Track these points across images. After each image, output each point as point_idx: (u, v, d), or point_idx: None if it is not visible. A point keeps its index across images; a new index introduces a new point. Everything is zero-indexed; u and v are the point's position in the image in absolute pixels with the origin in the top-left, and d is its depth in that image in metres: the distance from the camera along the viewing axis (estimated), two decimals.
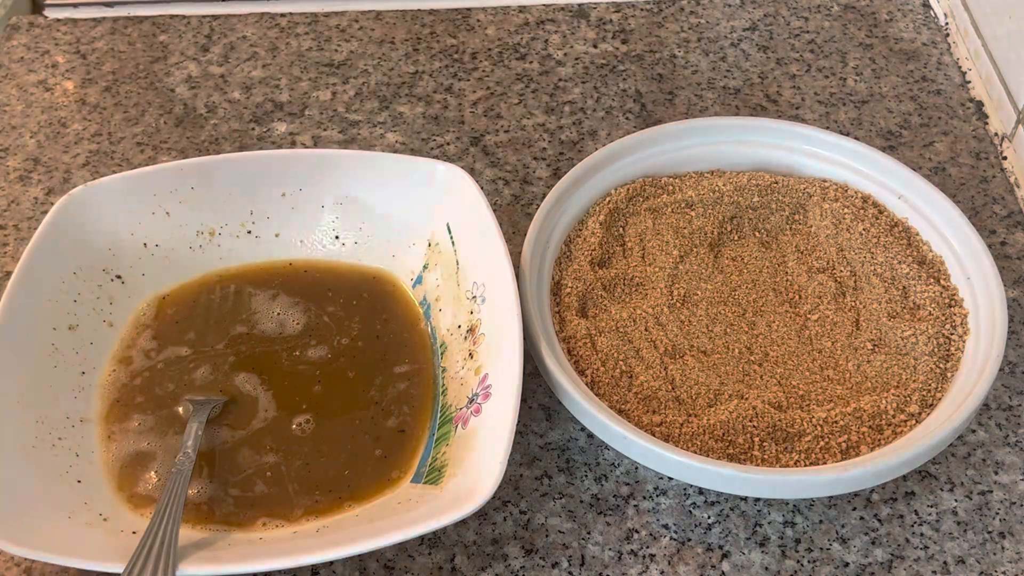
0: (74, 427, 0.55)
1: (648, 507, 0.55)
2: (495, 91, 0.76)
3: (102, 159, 0.72)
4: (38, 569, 0.53)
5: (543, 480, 0.56)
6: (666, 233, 0.63)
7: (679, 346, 0.58)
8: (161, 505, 0.49)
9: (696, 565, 0.53)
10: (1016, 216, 0.68)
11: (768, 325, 0.59)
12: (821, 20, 0.81)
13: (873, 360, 0.57)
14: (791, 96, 0.76)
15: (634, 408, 0.55)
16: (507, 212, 0.68)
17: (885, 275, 0.60)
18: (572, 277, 0.60)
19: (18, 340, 0.55)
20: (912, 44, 0.79)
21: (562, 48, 0.79)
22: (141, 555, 0.47)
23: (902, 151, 0.72)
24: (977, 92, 0.76)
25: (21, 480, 0.51)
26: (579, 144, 0.72)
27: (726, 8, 0.82)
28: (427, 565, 0.53)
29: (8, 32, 0.81)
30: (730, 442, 0.54)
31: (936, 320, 0.58)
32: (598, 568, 0.53)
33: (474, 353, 0.56)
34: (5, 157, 0.72)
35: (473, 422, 0.53)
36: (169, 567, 0.46)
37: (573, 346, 0.57)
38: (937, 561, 0.53)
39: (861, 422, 0.54)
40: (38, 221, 0.67)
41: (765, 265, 0.62)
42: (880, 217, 0.63)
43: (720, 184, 0.64)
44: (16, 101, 0.76)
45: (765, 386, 0.57)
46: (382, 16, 0.82)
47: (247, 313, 0.61)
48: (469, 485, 0.49)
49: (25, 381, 0.54)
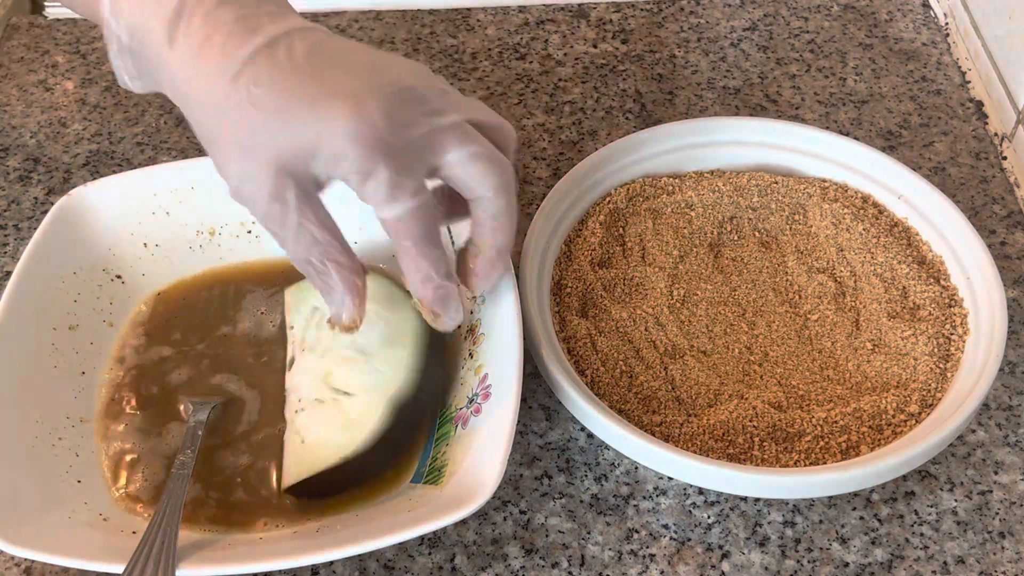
0: (74, 427, 0.55)
1: (648, 507, 0.55)
2: (495, 91, 0.76)
3: (102, 159, 0.72)
4: (38, 569, 0.53)
5: (543, 480, 0.56)
6: (666, 233, 0.63)
7: (679, 346, 0.58)
8: (161, 506, 0.49)
9: (696, 565, 0.53)
10: (1016, 216, 0.68)
11: (768, 325, 0.60)
12: (821, 20, 0.81)
13: (873, 360, 0.57)
14: (791, 96, 0.76)
15: (634, 408, 0.55)
16: None
17: (885, 275, 0.60)
18: (572, 277, 0.60)
19: (18, 340, 0.55)
20: (912, 44, 0.79)
21: (562, 48, 0.79)
22: (141, 556, 0.47)
23: (902, 151, 0.72)
24: (977, 92, 0.76)
25: (21, 480, 0.51)
26: (579, 144, 0.72)
27: (726, 8, 0.82)
28: (427, 565, 0.53)
29: (8, 32, 0.81)
30: (730, 442, 0.54)
31: (936, 320, 0.58)
32: (598, 568, 0.53)
33: (474, 353, 0.56)
34: (5, 157, 0.72)
35: (473, 422, 0.53)
36: (169, 568, 0.46)
37: (573, 346, 0.57)
38: (937, 561, 0.53)
39: (861, 422, 0.54)
40: (38, 221, 0.67)
41: (765, 265, 0.62)
42: (880, 217, 0.63)
43: (720, 184, 0.64)
44: (16, 101, 0.76)
45: (765, 386, 0.57)
46: (382, 16, 0.82)
47: (247, 312, 0.61)
48: (469, 485, 0.49)
49: (25, 381, 0.55)
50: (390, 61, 0.48)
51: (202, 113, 0.47)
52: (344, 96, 0.45)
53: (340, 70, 0.46)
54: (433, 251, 0.49)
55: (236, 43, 0.46)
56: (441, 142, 0.47)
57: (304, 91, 0.45)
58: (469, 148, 0.48)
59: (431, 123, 0.47)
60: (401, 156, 0.46)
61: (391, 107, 0.46)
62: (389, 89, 0.46)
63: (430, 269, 0.49)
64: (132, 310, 0.61)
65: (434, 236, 0.49)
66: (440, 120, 0.47)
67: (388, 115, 0.45)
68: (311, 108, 0.45)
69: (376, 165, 0.45)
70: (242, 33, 0.46)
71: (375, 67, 0.47)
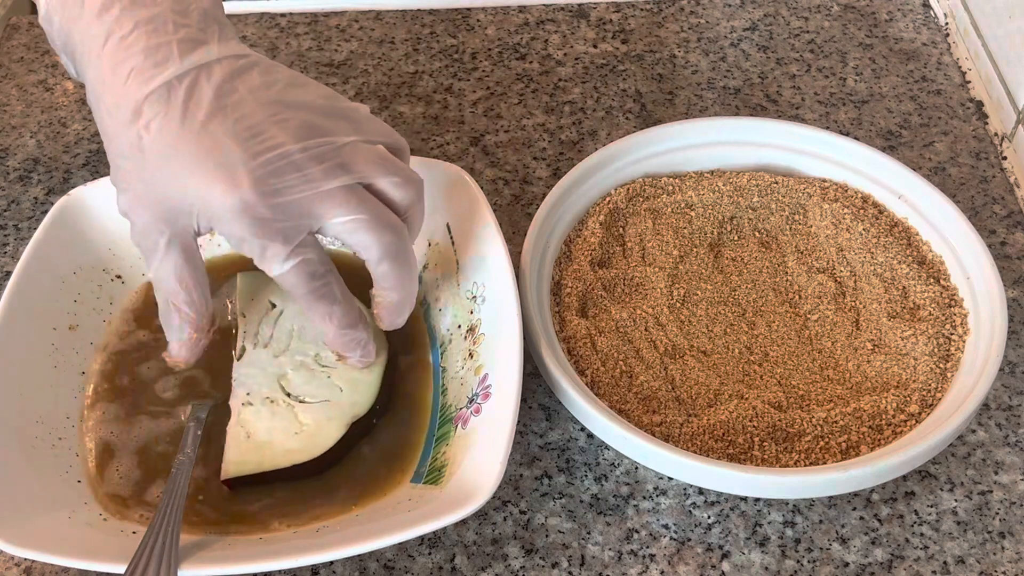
0: (74, 427, 0.55)
1: (648, 507, 0.55)
2: (495, 91, 0.76)
3: (102, 159, 0.72)
4: (38, 569, 0.53)
5: (543, 480, 0.56)
6: (666, 233, 0.63)
7: (679, 346, 0.58)
8: (162, 505, 0.49)
9: (696, 565, 0.53)
10: (1016, 216, 0.68)
11: (768, 325, 0.60)
12: (821, 20, 0.81)
13: (873, 360, 0.57)
14: (791, 96, 0.76)
15: (634, 408, 0.55)
16: (507, 212, 0.68)
17: (885, 275, 0.60)
18: (572, 277, 0.60)
19: (18, 340, 0.55)
20: (912, 44, 0.79)
21: (562, 48, 0.79)
22: (143, 556, 0.47)
23: (902, 151, 0.72)
24: (977, 92, 0.76)
25: (21, 480, 0.51)
26: (579, 144, 0.72)
27: (726, 8, 0.82)
28: (427, 565, 0.53)
29: (8, 32, 0.81)
30: (730, 442, 0.54)
31: (936, 320, 0.58)
32: (598, 568, 0.53)
33: (474, 353, 0.56)
34: (5, 157, 0.72)
35: (473, 422, 0.53)
36: (171, 568, 0.46)
37: (573, 346, 0.57)
38: (937, 561, 0.53)
39: (861, 422, 0.54)
40: (38, 221, 0.67)
41: (765, 265, 0.62)
42: (880, 217, 0.63)
43: (720, 184, 0.64)
44: (16, 101, 0.76)
45: (765, 386, 0.57)
46: (382, 16, 0.82)
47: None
48: (469, 485, 0.49)
49: (25, 381, 0.55)
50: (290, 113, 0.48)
51: (105, 136, 0.48)
52: (219, 166, 0.46)
53: (226, 129, 0.46)
54: (320, 306, 0.50)
55: (138, 80, 0.46)
56: (319, 208, 0.47)
57: (185, 151, 0.46)
58: (347, 216, 0.48)
59: (310, 188, 0.47)
60: (271, 224, 0.47)
61: (263, 178, 0.46)
62: (266, 157, 0.46)
63: (323, 320, 0.51)
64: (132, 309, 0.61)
65: (321, 291, 0.50)
66: (320, 185, 0.47)
67: (258, 187, 0.46)
68: (189, 171, 0.46)
69: (244, 233, 0.47)
70: (147, 69, 0.46)
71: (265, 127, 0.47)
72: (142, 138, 0.46)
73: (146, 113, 0.46)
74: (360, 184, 0.49)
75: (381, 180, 0.49)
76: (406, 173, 0.50)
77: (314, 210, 0.47)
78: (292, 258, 0.48)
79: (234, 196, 0.46)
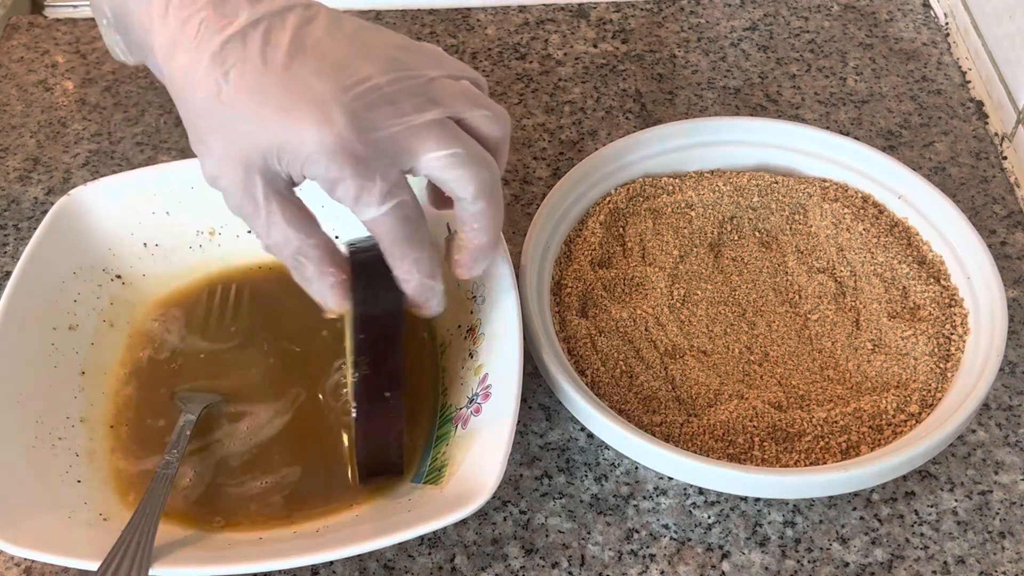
0: (74, 427, 0.55)
1: (648, 507, 0.55)
2: (495, 91, 0.76)
3: (102, 159, 0.72)
4: (38, 569, 0.53)
5: (543, 480, 0.56)
6: (666, 233, 0.63)
7: (679, 346, 0.58)
8: (140, 505, 0.49)
9: (696, 565, 0.53)
10: (1016, 216, 0.68)
11: (768, 325, 0.60)
12: (821, 20, 0.81)
13: (873, 360, 0.57)
14: (791, 96, 0.76)
15: (634, 408, 0.55)
16: (507, 212, 0.68)
17: (885, 275, 0.60)
18: (572, 277, 0.60)
19: (18, 340, 0.55)
20: (912, 44, 0.79)
21: (562, 48, 0.79)
22: (116, 554, 0.47)
23: (902, 151, 0.72)
24: (977, 92, 0.76)
25: (21, 480, 0.51)
26: (579, 144, 0.72)
27: (726, 8, 0.82)
28: (427, 565, 0.53)
29: (8, 32, 0.81)
30: (730, 442, 0.54)
31: (936, 320, 0.58)
32: (598, 568, 0.53)
33: (474, 353, 0.56)
34: (5, 157, 0.72)
35: (473, 422, 0.53)
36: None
37: (573, 346, 0.57)
38: (937, 561, 0.53)
39: (861, 422, 0.54)
40: (38, 221, 0.67)
41: (765, 265, 0.62)
42: (880, 217, 0.63)
43: (720, 184, 0.64)
44: (16, 101, 0.76)
45: (765, 386, 0.57)
46: (382, 16, 0.82)
47: (247, 311, 0.61)
48: (469, 485, 0.49)
49: (25, 381, 0.54)
50: (370, 50, 0.46)
51: (181, 100, 0.46)
52: (309, 103, 0.44)
53: (311, 68, 0.45)
54: (411, 251, 0.48)
55: (208, 32, 0.44)
56: (413, 144, 0.45)
57: (270, 93, 0.44)
58: (444, 150, 0.46)
59: (403, 123, 0.45)
60: (369, 162, 0.45)
61: (357, 112, 0.44)
62: (357, 91, 0.45)
63: (410, 268, 0.48)
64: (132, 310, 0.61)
65: (413, 236, 0.47)
66: (413, 119, 0.45)
67: (353, 122, 0.44)
68: (276, 113, 0.44)
69: (341, 173, 0.45)
70: (216, 20, 0.45)
71: (349, 62, 0.45)
72: (221, 88, 0.44)
73: (218, 65, 0.44)
74: (451, 119, 0.47)
75: (472, 113, 0.47)
76: (495, 107, 0.49)
77: (410, 145, 0.45)
78: (389, 200, 0.45)
79: (330, 133, 0.44)
